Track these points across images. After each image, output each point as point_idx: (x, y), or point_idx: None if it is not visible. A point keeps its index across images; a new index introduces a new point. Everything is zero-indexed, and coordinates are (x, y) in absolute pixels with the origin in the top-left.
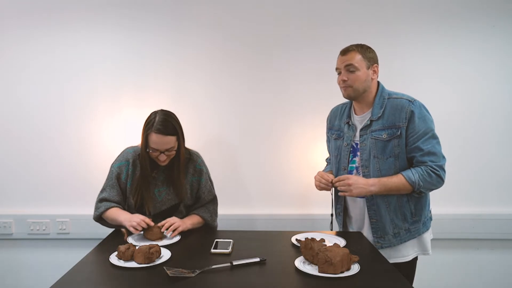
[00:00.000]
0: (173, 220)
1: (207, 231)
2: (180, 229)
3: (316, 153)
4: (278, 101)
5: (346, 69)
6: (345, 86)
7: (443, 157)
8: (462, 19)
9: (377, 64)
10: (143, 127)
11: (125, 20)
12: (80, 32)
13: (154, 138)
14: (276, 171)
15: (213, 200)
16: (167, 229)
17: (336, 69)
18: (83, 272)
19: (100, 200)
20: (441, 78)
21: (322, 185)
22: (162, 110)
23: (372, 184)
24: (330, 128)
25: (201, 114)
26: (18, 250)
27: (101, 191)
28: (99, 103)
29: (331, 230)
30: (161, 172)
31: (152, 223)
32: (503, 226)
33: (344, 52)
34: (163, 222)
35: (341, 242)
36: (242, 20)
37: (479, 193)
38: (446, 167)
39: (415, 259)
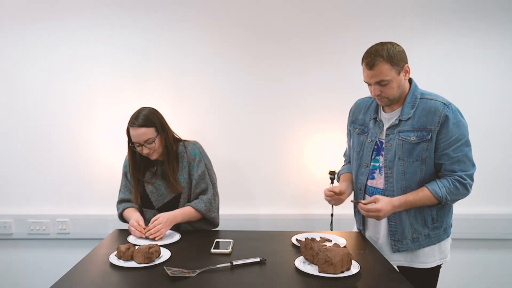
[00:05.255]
0: (157, 222)
1: (207, 231)
2: (163, 231)
3: (316, 153)
4: (281, 101)
5: (377, 84)
6: (380, 98)
7: (473, 165)
8: (462, 19)
9: (407, 62)
10: None
11: (125, 19)
12: (80, 32)
13: (131, 131)
14: (276, 172)
15: (207, 190)
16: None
17: (365, 81)
18: (83, 272)
19: (119, 202)
20: (441, 78)
21: (333, 200)
22: (142, 106)
23: (399, 206)
24: (353, 122)
25: (201, 113)
26: (18, 250)
27: (119, 192)
28: (99, 104)
29: (331, 230)
30: (159, 167)
31: (141, 224)
32: (503, 226)
33: (371, 66)
34: (150, 225)
35: (341, 242)
36: (242, 18)
37: (480, 193)
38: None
39: (438, 266)
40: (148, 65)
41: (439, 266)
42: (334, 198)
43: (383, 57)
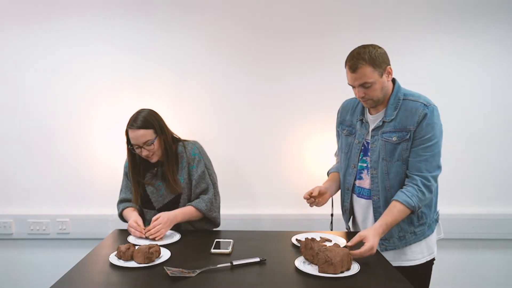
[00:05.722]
0: (157, 223)
1: (207, 231)
2: (163, 231)
3: (316, 153)
4: (281, 101)
5: (361, 86)
6: (364, 100)
7: (439, 167)
8: (461, 19)
9: (389, 64)
10: None
11: (125, 20)
12: (80, 32)
13: (130, 133)
14: (277, 172)
15: (208, 189)
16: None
17: (349, 84)
18: (83, 272)
19: (119, 202)
20: (441, 79)
21: (313, 204)
22: (141, 108)
23: (383, 232)
24: (340, 123)
25: (202, 113)
26: (18, 250)
27: (120, 192)
28: (99, 104)
29: (331, 230)
30: (159, 168)
31: (140, 224)
32: (503, 226)
33: (354, 69)
34: (150, 226)
35: (341, 242)
36: (242, 18)
37: (479, 193)
38: (446, 167)
39: (430, 263)
40: (148, 65)
41: (430, 263)
42: (311, 201)
43: (365, 60)
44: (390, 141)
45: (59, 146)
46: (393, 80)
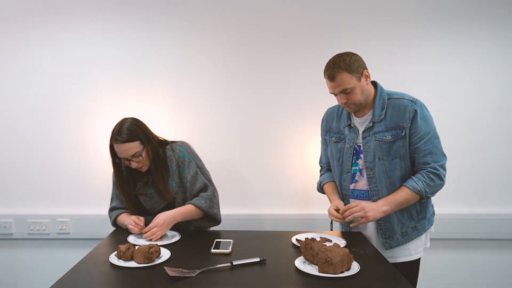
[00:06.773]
0: (153, 225)
1: (207, 231)
2: (159, 233)
3: (317, 154)
4: (283, 102)
5: (342, 93)
6: (348, 105)
7: (444, 155)
8: (462, 19)
9: (366, 68)
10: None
11: (125, 19)
12: (80, 32)
13: (115, 147)
14: (277, 172)
15: (206, 188)
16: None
17: (330, 93)
18: (83, 272)
19: (110, 209)
20: (441, 78)
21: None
22: (123, 118)
23: (382, 204)
24: (327, 131)
25: (203, 114)
26: (18, 250)
27: (110, 201)
28: (99, 104)
29: (331, 230)
30: (149, 175)
31: (142, 221)
32: (503, 226)
33: (332, 78)
34: (146, 228)
35: (341, 242)
36: (242, 20)
37: (479, 193)
38: (447, 167)
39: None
40: (148, 66)
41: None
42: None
43: (341, 68)
44: (384, 140)
45: (59, 146)
46: (375, 84)
